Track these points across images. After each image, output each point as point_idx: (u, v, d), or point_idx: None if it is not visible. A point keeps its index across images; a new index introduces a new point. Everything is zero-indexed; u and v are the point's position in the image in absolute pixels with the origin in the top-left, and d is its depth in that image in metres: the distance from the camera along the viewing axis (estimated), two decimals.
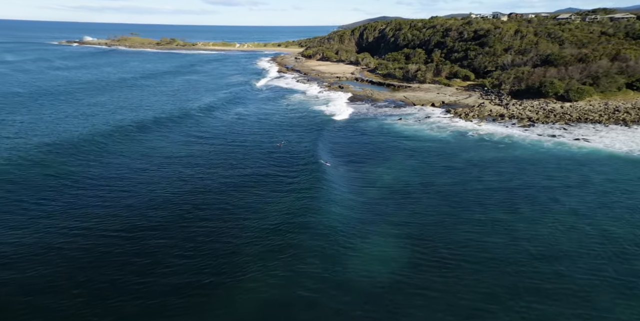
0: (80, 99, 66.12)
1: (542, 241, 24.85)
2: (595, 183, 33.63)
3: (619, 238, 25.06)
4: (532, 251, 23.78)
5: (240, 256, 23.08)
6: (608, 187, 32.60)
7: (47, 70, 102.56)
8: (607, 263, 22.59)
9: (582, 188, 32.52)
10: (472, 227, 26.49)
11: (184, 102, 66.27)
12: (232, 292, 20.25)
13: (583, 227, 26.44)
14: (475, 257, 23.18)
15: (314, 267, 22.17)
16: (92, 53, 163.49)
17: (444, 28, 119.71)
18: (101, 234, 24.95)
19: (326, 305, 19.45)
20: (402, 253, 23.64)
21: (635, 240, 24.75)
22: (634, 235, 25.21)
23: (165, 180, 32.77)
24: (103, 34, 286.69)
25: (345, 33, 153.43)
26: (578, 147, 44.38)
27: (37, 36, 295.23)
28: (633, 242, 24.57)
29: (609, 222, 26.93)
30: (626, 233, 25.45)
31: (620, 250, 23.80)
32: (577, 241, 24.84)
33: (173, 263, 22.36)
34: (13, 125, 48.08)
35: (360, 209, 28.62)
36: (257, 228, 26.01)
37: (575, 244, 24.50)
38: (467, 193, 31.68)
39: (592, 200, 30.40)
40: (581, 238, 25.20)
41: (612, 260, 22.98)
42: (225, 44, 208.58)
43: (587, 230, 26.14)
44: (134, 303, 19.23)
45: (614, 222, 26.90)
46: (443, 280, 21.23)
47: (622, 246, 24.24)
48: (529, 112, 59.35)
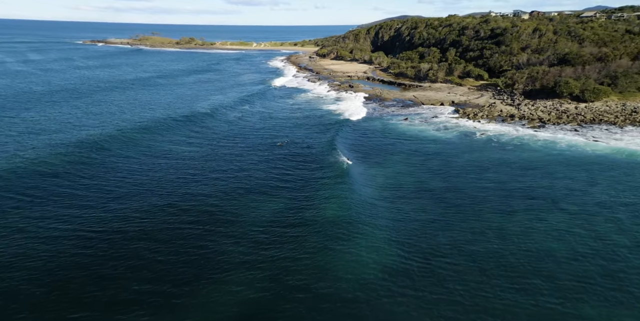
0: (99, 98, 67.48)
1: (532, 247, 23.78)
2: (601, 188, 32.07)
3: (613, 244, 23.76)
4: (520, 256, 22.79)
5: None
6: (612, 193, 31.02)
7: (68, 69, 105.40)
8: (595, 276, 21.40)
9: (585, 193, 31.06)
10: (460, 232, 25.57)
11: (191, 102, 66.87)
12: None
13: (578, 233, 25.20)
14: (462, 265, 22.34)
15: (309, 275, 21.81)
16: (116, 52, 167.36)
17: (460, 26, 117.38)
18: (104, 236, 25.20)
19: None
20: (387, 257, 23.00)
21: (630, 247, 23.40)
22: (631, 243, 23.84)
23: (169, 183, 32.72)
24: (127, 33, 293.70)
25: (361, 32, 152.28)
26: (588, 149, 42.56)
27: (64, 36, 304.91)
28: (628, 249, 23.24)
29: (607, 229, 25.57)
30: (622, 241, 24.10)
31: (612, 257, 22.55)
32: (570, 249, 23.66)
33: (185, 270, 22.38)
34: (19, 124, 49.39)
35: (347, 210, 28.06)
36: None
37: (567, 252, 23.33)
38: (462, 196, 30.69)
39: (593, 205, 28.97)
40: (575, 245, 23.99)
41: (603, 272, 21.76)
42: (242, 43, 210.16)
43: (581, 237, 24.89)
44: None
45: (613, 229, 25.52)
46: (419, 286, 20.52)
47: (615, 253, 22.95)
48: (540, 112, 57.40)
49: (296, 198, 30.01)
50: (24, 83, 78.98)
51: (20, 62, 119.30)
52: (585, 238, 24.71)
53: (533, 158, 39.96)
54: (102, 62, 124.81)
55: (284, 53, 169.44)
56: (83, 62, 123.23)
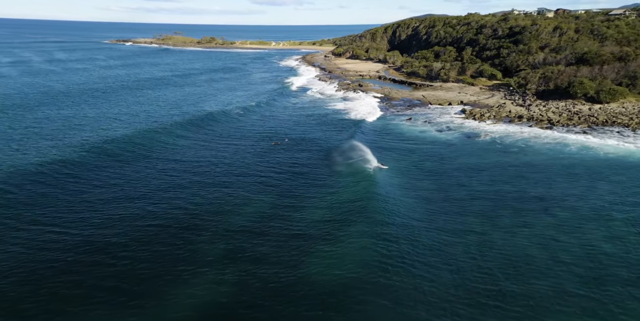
0: (123, 96, 69.20)
1: (512, 252, 22.78)
2: (600, 193, 30.49)
3: (598, 252, 22.51)
4: (497, 261, 21.88)
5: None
6: (610, 199, 29.45)
7: (88, 68, 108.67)
8: (578, 288, 20.27)
9: (581, 198, 29.61)
10: (440, 233, 24.79)
11: (199, 102, 67.75)
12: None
13: (563, 240, 24.00)
14: (437, 267, 21.64)
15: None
16: (142, 52, 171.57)
17: (478, 25, 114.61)
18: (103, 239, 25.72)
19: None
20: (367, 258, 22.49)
21: (613, 255, 22.11)
22: (616, 251, 22.52)
23: (175, 186, 32.99)
24: (154, 33, 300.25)
25: (378, 31, 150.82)
26: (596, 152, 40.65)
27: (93, 36, 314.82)
28: (610, 258, 21.97)
29: (595, 236, 24.26)
30: (609, 250, 22.80)
31: (592, 265, 21.34)
32: (551, 256, 22.55)
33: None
34: (25, 123, 51.02)
35: (323, 214, 27.69)
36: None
37: (547, 259, 22.25)
38: (447, 198, 29.80)
39: (587, 210, 27.56)
40: (557, 252, 22.86)
41: (586, 284, 20.62)
42: (261, 42, 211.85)
43: (565, 244, 23.69)
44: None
45: (601, 237, 24.20)
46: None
47: (598, 261, 21.72)
48: (551, 113, 55.27)
49: (284, 195, 29.87)
50: (44, 81, 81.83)
51: (46, 61, 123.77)
52: (569, 245, 23.51)
53: (535, 161, 38.42)
54: (124, 62, 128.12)
55: (301, 52, 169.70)
56: (105, 62, 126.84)
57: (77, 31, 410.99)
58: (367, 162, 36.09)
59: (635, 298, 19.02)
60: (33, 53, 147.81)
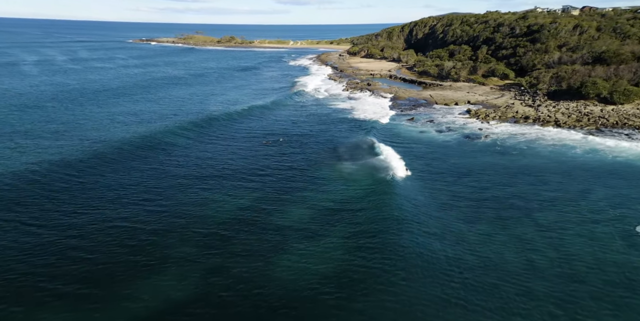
0: (138, 96, 70.84)
1: (486, 256, 22.01)
2: (593, 199, 29.12)
3: (573, 259, 21.45)
4: (470, 264, 21.17)
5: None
6: (602, 204, 28.08)
7: (110, 67, 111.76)
8: (545, 292, 19.39)
9: (571, 204, 28.34)
10: (414, 236, 24.17)
11: (204, 101, 68.62)
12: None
13: (541, 246, 23.01)
14: (405, 270, 21.14)
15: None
16: (165, 51, 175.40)
17: (496, 23, 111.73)
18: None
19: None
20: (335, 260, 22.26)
21: (589, 263, 21.01)
22: (592, 259, 21.40)
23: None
24: (177, 33, 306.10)
25: (395, 29, 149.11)
26: (602, 155, 38.93)
27: (120, 35, 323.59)
28: (586, 265, 20.89)
29: (575, 244, 23.16)
30: (585, 257, 21.70)
31: (563, 273, 20.33)
32: (526, 262, 21.65)
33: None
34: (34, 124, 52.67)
35: (289, 219, 27.51)
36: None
37: (520, 265, 21.37)
38: (420, 204, 29.07)
39: (572, 218, 26.34)
40: (532, 258, 21.93)
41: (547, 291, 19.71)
42: (279, 41, 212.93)
43: (542, 250, 22.71)
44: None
45: (581, 244, 23.07)
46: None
47: (571, 269, 20.70)
48: (560, 114, 53.25)
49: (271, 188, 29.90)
50: (62, 79, 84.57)
51: (69, 59, 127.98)
52: (545, 251, 22.52)
53: (533, 163, 37.05)
54: (143, 61, 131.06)
55: (318, 51, 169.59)
56: (125, 61, 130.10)
57: (106, 31, 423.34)
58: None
59: (601, 305, 18.04)
60: (58, 52, 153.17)
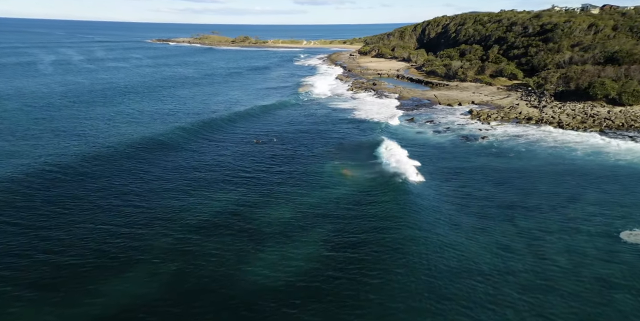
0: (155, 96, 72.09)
1: (461, 262, 21.55)
2: (582, 203, 28.22)
3: (550, 266, 20.79)
4: (446, 265, 20.77)
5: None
6: (590, 210, 27.16)
7: (123, 67, 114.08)
8: (515, 297, 18.83)
9: (556, 208, 27.54)
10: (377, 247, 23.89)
11: (206, 99, 69.38)
12: None
13: (516, 250, 22.40)
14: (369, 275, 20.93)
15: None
16: (183, 51, 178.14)
17: (509, 22, 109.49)
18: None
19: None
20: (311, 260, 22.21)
21: (565, 269, 20.32)
22: (568, 265, 20.70)
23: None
24: (194, 33, 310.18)
25: (407, 29, 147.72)
26: (604, 158, 37.74)
27: (139, 35, 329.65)
28: (562, 271, 20.19)
29: (552, 249, 22.46)
30: (561, 263, 21.00)
31: (533, 280, 19.69)
32: (501, 267, 21.13)
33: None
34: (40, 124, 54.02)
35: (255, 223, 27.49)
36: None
37: (492, 269, 20.86)
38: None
39: (555, 223, 25.53)
40: (507, 263, 21.37)
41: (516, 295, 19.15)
42: (293, 41, 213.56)
43: (517, 255, 22.09)
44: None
45: (558, 250, 22.36)
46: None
47: (544, 275, 20.06)
48: (565, 116, 51.82)
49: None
50: (76, 79, 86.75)
51: (86, 59, 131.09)
52: (521, 254, 21.92)
53: (527, 166, 36.10)
54: (156, 61, 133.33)
55: (330, 51, 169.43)
56: (139, 60, 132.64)
57: (126, 31, 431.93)
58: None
59: (570, 311, 17.46)
60: (76, 52, 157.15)
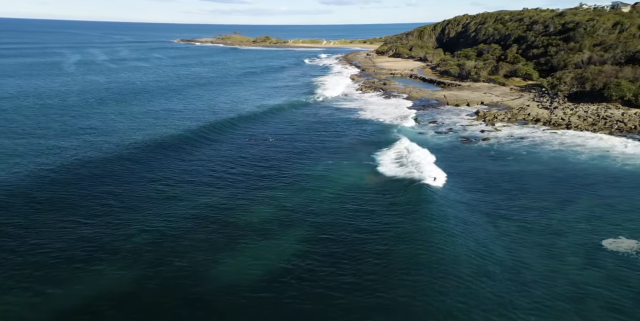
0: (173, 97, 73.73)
1: (437, 266, 20.98)
2: (572, 209, 26.99)
3: (524, 270, 19.94)
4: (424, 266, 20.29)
5: None
6: (578, 215, 25.96)
7: (142, 67, 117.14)
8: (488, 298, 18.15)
9: (543, 213, 26.46)
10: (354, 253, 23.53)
11: (213, 98, 70.29)
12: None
13: (492, 254, 21.62)
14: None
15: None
16: (205, 51, 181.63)
17: (531, 21, 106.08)
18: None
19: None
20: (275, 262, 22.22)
21: (541, 273, 19.44)
22: (543, 269, 19.77)
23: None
24: (216, 33, 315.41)
25: (426, 28, 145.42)
26: (611, 162, 36.07)
27: (166, 36, 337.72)
28: (539, 275, 19.33)
29: (530, 255, 21.57)
30: (537, 268, 20.10)
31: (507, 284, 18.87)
32: (475, 269, 20.45)
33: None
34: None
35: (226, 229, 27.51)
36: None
37: (471, 272, 20.21)
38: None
39: (538, 228, 24.52)
40: (483, 265, 20.67)
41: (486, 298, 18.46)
42: (313, 41, 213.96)
43: (493, 257, 21.33)
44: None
45: (535, 255, 21.45)
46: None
47: (522, 282, 19.25)
48: (575, 117, 49.75)
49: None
50: (97, 78, 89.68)
51: (110, 59, 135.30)
52: (499, 259, 21.16)
53: (524, 169, 34.79)
54: (174, 62, 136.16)
55: (349, 50, 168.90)
56: (158, 61, 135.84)
57: (156, 32, 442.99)
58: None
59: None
60: (102, 52, 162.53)
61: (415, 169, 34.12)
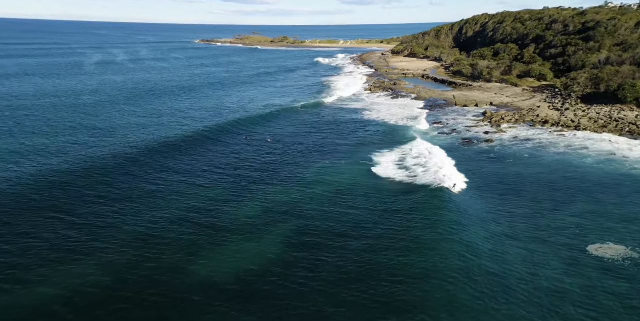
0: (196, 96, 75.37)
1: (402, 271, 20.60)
2: (557, 215, 26.02)
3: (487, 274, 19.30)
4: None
5: None
6: (567, 222, 25.00)
7: (160, 67, 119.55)
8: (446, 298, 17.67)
9: (532, 218, 25.60)
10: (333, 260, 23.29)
11: (223, 97, 71.01)
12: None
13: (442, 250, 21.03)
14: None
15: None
16: (222, 51, 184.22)
17: (550, 20, 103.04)
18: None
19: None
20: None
21: (499, 277, 18.76)
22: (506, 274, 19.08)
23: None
24: (235, 33, 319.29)
25: (443, 28, 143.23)
26: (614, 167, 34.68)
27: (188, 36, 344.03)
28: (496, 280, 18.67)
29: (490, 257, 20.88)
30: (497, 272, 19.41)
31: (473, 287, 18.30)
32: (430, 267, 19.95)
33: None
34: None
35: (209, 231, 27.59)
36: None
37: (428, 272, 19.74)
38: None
39: (524, 232, 23.74)
40: (435, 263, 20.14)
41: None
42: (330, 41, 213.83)
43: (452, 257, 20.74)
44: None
45: (488, 259, 20.74)
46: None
47: (481, 287, 18.63)
48: (586, 119, 48.04)
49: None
50: (114, 77, 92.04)
51: (130, 59, 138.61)
52: (481, 262, 20.58)
53: (521, 173, 33.56)
54: (190, 62, 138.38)
55: (366, 50, 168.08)
56: (176, 61, 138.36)
57: (178, 33, 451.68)
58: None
59: None
60: (123, 52, 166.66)
61: (409, 171, 33.60)
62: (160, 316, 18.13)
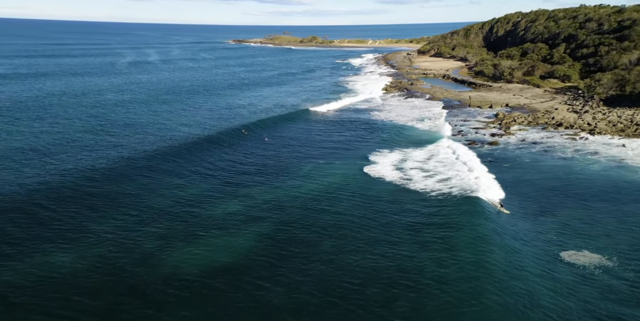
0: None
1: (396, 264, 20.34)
2: (545, 221, 24.84)
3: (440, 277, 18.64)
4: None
5: None
6: (547, 228, 23.82)
7: (187, 67, 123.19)
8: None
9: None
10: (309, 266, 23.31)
11: (234, 95, 72.17)
12: None
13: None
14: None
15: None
16: (251, 51, 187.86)
17: (585, 18, 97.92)
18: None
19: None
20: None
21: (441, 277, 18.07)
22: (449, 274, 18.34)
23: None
24: (268, 34, 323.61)
25: (473, 27, 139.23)
26: (622, 173, 32.70)
27: (221, 37, 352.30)
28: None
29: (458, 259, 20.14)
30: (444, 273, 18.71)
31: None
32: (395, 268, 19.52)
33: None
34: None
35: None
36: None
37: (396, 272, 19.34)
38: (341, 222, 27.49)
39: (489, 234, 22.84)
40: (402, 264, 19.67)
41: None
42: (359, 41, 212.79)
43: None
44: None
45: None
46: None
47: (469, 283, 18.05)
48: (605, 123, 45.44)
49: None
50: (140, 76, 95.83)
51: (160, 60, 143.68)
52: (450, 267, 20.02)
53: (518, 177, 32.15)
54: (215, 63, 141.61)
55: (393, 49, 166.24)
56: (204, 61, 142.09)
57: (214, 33, 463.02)
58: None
59: None
60: (156, 51, 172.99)
61: (403, 173, 33.07)
62: (118, 301, 18.73)
